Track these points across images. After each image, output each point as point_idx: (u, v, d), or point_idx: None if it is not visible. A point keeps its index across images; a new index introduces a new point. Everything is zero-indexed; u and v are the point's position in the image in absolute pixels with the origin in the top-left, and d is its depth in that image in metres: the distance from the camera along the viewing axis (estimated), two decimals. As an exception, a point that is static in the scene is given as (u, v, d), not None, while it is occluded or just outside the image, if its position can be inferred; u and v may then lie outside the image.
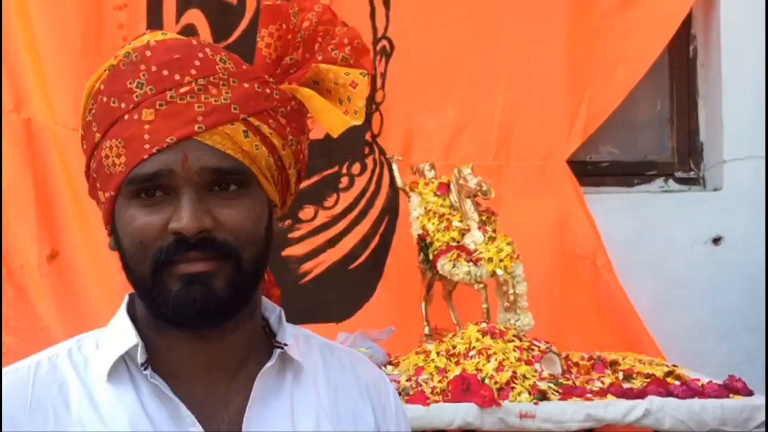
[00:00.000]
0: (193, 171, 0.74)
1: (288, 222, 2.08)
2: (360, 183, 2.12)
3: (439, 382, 1.52)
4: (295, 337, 0.86)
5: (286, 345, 0.82)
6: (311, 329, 2.09)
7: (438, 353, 1.61)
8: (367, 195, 2.12)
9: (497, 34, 2.13)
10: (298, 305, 2.06)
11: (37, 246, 1.98)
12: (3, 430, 0.74)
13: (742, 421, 1.48)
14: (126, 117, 0.75)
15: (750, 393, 1.55)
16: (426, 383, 1.53)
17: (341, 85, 0.83)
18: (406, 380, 1.57)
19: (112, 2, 2.04)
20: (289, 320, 2.14)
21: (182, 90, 0.75)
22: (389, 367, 1.68)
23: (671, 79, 2.27)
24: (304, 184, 2.08)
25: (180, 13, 2.08)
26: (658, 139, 2.29)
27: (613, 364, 1.80)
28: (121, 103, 0.75)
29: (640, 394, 1.51)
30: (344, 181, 2.11)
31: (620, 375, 1.68)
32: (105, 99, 0.77)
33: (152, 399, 0.77)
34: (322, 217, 2.10)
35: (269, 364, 0.81)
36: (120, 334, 0.79)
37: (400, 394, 1.51)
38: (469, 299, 1.91)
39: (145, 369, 0.77)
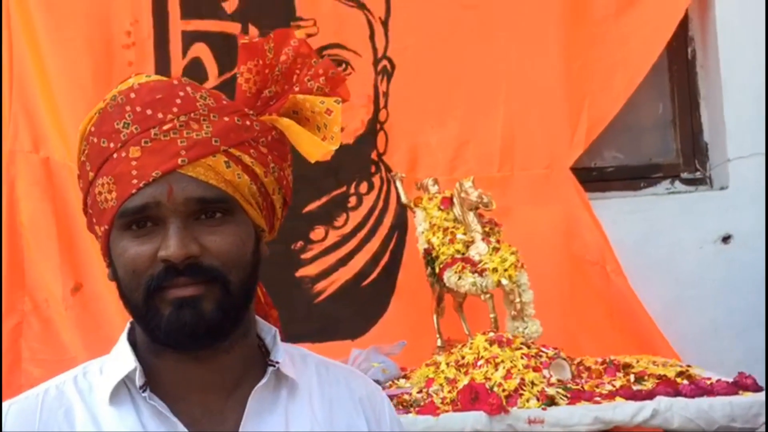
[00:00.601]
0: (179, 202, 0.79)
1: (300, 243, 2.14)
2: (368, 201, 2.17)
3: (449, 392, 1.55)
4: (291, 355, 0.91)
5: (277, 363, 0.86)
6: (327, 347, 2.13)
7: (448, 364, 1.64)
8: (376, 213, 2.16)
9: (495, 48, 2.18)
10: (313, 324, 2.11)
11: (60, 279, 2.06)
12: None
13: (751, 416, 1.49)
14: (115, 155, 0.81)
15: (759, 389, 1.56)
16: (437, 394, 1.56)
17: (317, 113, 0.88)
18: (418, 392, 1.60)
19: (121, 41, 2.13)
20: (305, 339, 2.18)
21: (165, 127, 0.80)
22: (402, 380, 1.72)
23: (671, 81, 2.29)
24: (313, 206, 2.18)
25: (186, 48, 2.16)
26: (662, 141, 2.31)
27: (626, 366, 1.81)
28: (110, 143, 0.81)
29: (649, 395, 1.52)
30: (353, 200, 2.16)
31: (632, 377, 1.70)
32: (96, 140, 0.82)
33: (152, 419, 0.81)
34: (333, 236, 2.15)
35: (262, 381, 0.85)
36: (121, 359, 0.84)
37: (411, 405, 1.55)
38: (480, 310, 1.94)
39: (144, 391, 0.82)
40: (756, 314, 2.11)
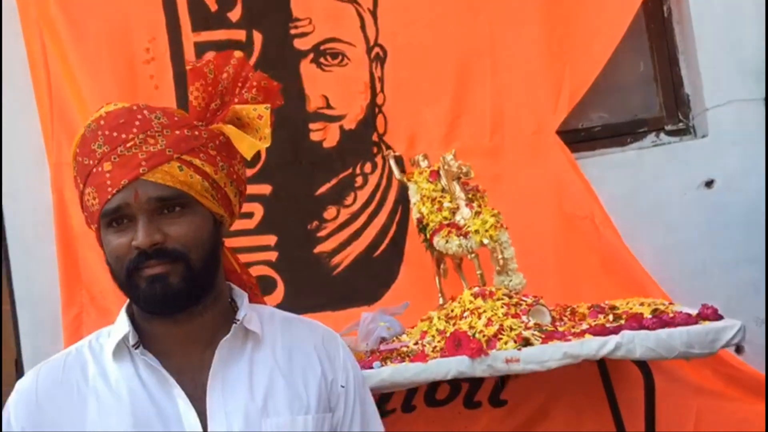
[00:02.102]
0: (143, 202, 1.04)
1: (315, 223, 2.37)
2: (373, 180, 2.37)
3: (439, 342, 1.77)
4: (260, 314, 1.15)
5: (238, 320, 1.10)
6: (347, 314, 2.37)
7: (439, 318, 1.86)
8: (381, 190, 2.37)
9: (478, 26, 2.34)
10: (333, 294, 2.35)
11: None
12: (40, 398, 1.06)
13: (708, 342, 1.66)
14: (94, 170, 1.05)
15: (719, 318, 1.72)
16: (429, 344, 1.78)
17: (252, 119, 1.10)
18: (414, 344, 1.82)
19: (141, 58, 2.37)
20: (327, 308, 2.43)
21: (128, 144, 1.04)
22: (404, 336, 1.94)
23: (650, 39, 2.41)
24: (324, 188, 2.41)
25: (199, 57, 2.39)
26: (646, 97, 2.43)
27: (612, 309, 1.99)
28: (90, 161, 1.06)
29: (615, 331, 1.70)
30: (359, 180, 2.38)
31: (610, 317, 1.88)
32: (80, 159, 1.07)
33: (145, 370, 1.07)
34: (344, 214, 2.37)
35: (226, 336, 1.09)
36: (120, 325, 1.10)
37: (407, 355, 1.77)
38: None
39: (136, 348, 1.07)
40: (741, 251, 2.24)
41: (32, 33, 2.36)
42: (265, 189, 2.35)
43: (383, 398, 2.27)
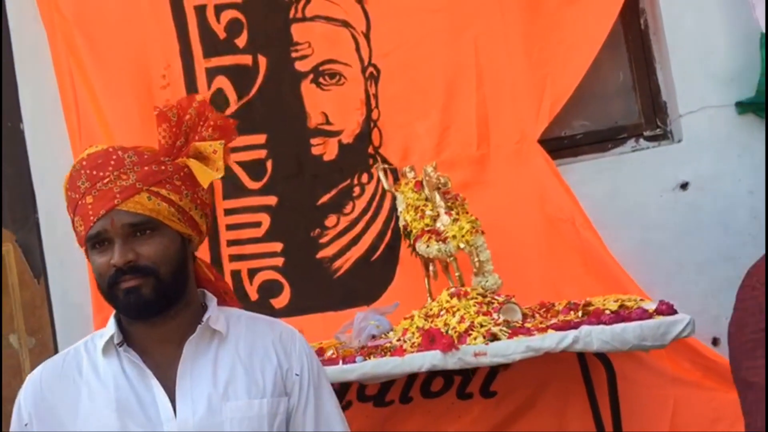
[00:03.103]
0: (118, 227, 1.25)
1: (317, 230, 2.57)
2: (369, 190, 2.56)
3: (417, 338, 1.95)
4: (227, 315, 1.36)
5: (201, 322, 1.31)
6: (347, 314, 2.56)
7: (419, 316, 2.04)
8: (377, 198, 2.56)
9: (463, 44, 2.50)
10: (335, 296, 2.54)
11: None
12: (44, 388, 1.28)
13: (659, 335, 1.81)
14: (79, 202, 1.27)
15: (673, 312, 1.86)
16: (409, 340, 1.97)
17: (209, 153, 1.31)
18: (396, 340, 2.01)
19: (158, 84, 2.60)
20: (329, 308, 2.64)
21: (105, 181, 1.26)
22: (390, 333, 2.13)
23: (628, 51, 2.55)
24: (325, 198, 2.61)
25: (210, 82, 2.60)
26: (625, 105, 2.57)
27: (587, 305, 2.14)
28: (76, 195, 1.28)
29: (575, 326, 1.86)
30: (357, 190, 2.57)
31: (579, 313, 2.03)
32: (69, 194, 1.29)
33: (128, 364, 1.29)
34: (344, 222, 2.56)
35: (193, 335, 1.30)
36: (109, 328, 1.32)
37: (388, 351, 1.95)
38: (465, 270, 2.31)
39: (120, 346, 1.29)
40: (715, 249, 2.37)
41: (62, 64, 2.61)
42: (272, 200, 2.57)
43: (382, 390, 2.48)
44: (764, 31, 2.28)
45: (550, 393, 2.42)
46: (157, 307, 1.28)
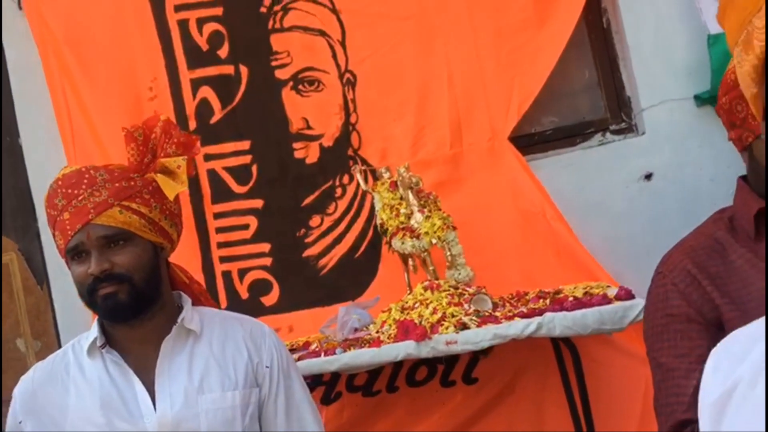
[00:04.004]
0: (93, 239, 1.38)
1: (303, 230, 2.69)
2: (350, 190, 2.68)
3: (394, 329, 2.08)
4: (202, 315, 1.49)
5: (176, 323, 1.43)
6: (333, 309, 2.68)
7: (396, 309, 2.16)
8: (358, 198, 2.68)
9: (435, 48, 2.61)
10: (321, 292, 2.67)
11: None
12: (35, 388, 1.41)
13: (618, 319, 1.93)
14: (58, 219, 1.40)
15: (631, 297, 1.98)
16: (386, 332, 2.09)
17: (174, 168, 1.44)
18: (375, 332, 2.14)
19: (146, 96, 2.73)
20: (317, 304, 2.78)
21: (79, 198, 1.38)
22: (371, 326, 2.25)
23: (592, 49, 2.66)
24: (309, 199, 2.73)
25: (195, 92, 2.73)
26: (592, 101, 2.69)
27: (557, 293, 2.26)
28: (54, 212, 1.41)
29: (540, 313, 1.98)
30: (338, 191, 2.69)
31: (548, 301, 2.15)
32: (49, 211, 1.43)
33: (111, 364, 1.42)
34: (327, 222, 2.69)
35: (169, 335, 1.43)
36: (93, 331, 1.45)
37: (366, 342, 2.08)
38: (440, 265, 2.43)
39: (103, 348, 1.42)
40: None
41: (54, 81, 2.74)
42: (258, 203, 2.70)
43: (370, 380, 2.61)
44: (710, 33, 2.40)
45: (527, 378, 2.55)
46: (133, 310, 1.41)
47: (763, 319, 0.70)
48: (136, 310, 1.41)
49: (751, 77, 0.60)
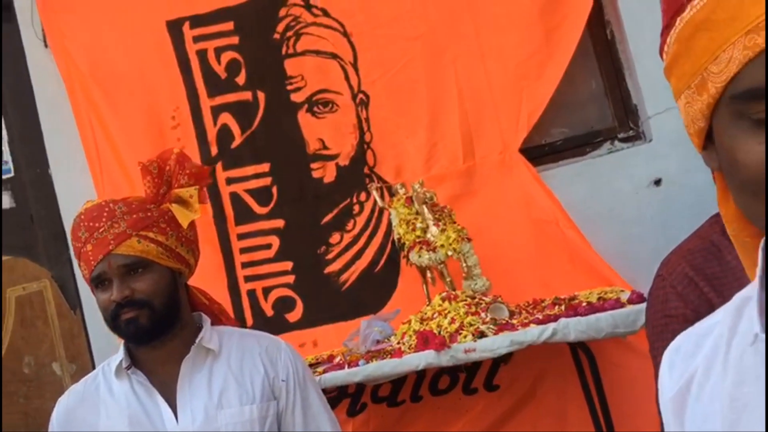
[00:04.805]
0: (114, 269, 1.48)
1: (323, 248, 2.78)
2: (368, 207, 2.78)
3: (414, 340, 2.15)
4: (220, 334, 1.58)
5: (194, 343, 1.52)
6: (356, 323, 2.78)
7: (415, 320, 2.24)
8: (375, 214, 2.77)
9: (444, 65, 2.70)
10: (342, 307, 2.75)
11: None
12: (69, 408, 1.52)
13: (631, 322, 1.99)
14: (82, 250, 1.51)
15: (642, 301, 2.04)
16: (406, 343, 2.17)
17: (187, 198, 1.53)
18: (396, 343, 2.22)
19: (169, 125, 2.84)
20: (338, 319, 2.88)
21: (101, 230, 1.49)
22: (392, 338, 2.33)
23: (598, 60, 2.73)
24: (328, 217, 2.82)
25: (215, 119, 2.84)
26: (599, 111, 2.75)
27: (572, 299, 2.33)
28: (78, 244, 1.51)
29: (555, 319, 2.05)
30: (356, 208, 2.78)
31: (563, 307, 2.22)
32: (74, 243, 1.53)
33: (137, 384, 1.52)
34: (347, 238, 2.78)
35: (189, 354, 1.52)
36: (119, 354, 1.55)
37: (388, 353, 2.16)
38: (457, 276, 2.51)
39: (128, 369, 1.51)
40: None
41: (81, 113, 2.87)
42: (279, 223, 2.79)
43: (394, 391, 2.68)
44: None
45: (548, 383, 2.61)
46: (153, 333, 1.50)
47: (712, 316, 0.77)
48: (157, 333, 1.51)
49: (703, 113, 0.67)
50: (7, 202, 3.14)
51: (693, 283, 1.37)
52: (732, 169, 0.64)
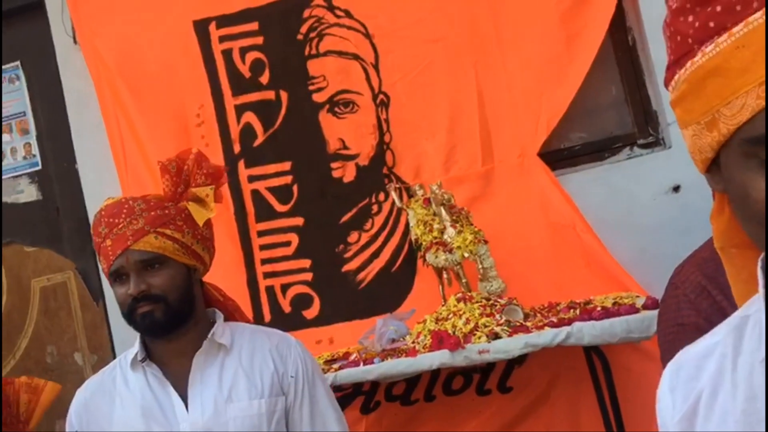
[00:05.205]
0: (132, 263, 1.52)
1: (341, 246, 2.82)
2: (386, 207, 2.81)
3: (429, 340, 2.18)
4: (232, 329, 1.62)
5: (207, 338, 1.57)
6: (372, 321, 2.81)
7: (430, 320, 2.27)
8: (393, 215, 2.80)
9: (464, 68, 2.72)
10: (360, 305, 2.79)
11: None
12: (87, 399, 1.56)
13: (644, 328, 2.00)
14: (101, 245, 1.55)
15: (657, 307, 2.05)
16: (421, 342, 2.20)
17: (203, 197, 1.57)
18: (411, 342, 2.24)
19: (194, 122, 2.90)
20: (355, 317, 2.93)
21: (120, 226, 1.53)
22: (408, 337, 2.36)
23: (619, 66, 2.73)
24: (347, 217, 2.86)
25: (239, 117, 2.89)
26: (619, 116, 2.76)
27: (587, 303, 2.34)
28: (99, 239, 1.56)
29: (569, 322, 2.07)
30: (374, 208, 2.81)
31: (578, 311, 2.23)
32: (95, 239, 1.58)
33: (151, 376, 1.56)
34: (365, 238, 2.81)
35: (201, 349, 1.56)
36: (135, 346, 1.59)
37: (403, 352, 2.18)
38: (473, 277, 2.53)
39: (143, 361, 1.56)
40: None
41: (108, 109, 2.94)
42: (299, 221, 2.83)
43: (408, 390, 2.71)
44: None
45: (561, 386, 2.62)
46: (168, 327, 1.55)
47: (710, 336, 0.79)
48: (171, 327, 1.55)
49: (711, 147, 0.72)
50: (34, 194, 3.22)
51: (706, 292, 1.38)
52: (743, 201, 0.71)
